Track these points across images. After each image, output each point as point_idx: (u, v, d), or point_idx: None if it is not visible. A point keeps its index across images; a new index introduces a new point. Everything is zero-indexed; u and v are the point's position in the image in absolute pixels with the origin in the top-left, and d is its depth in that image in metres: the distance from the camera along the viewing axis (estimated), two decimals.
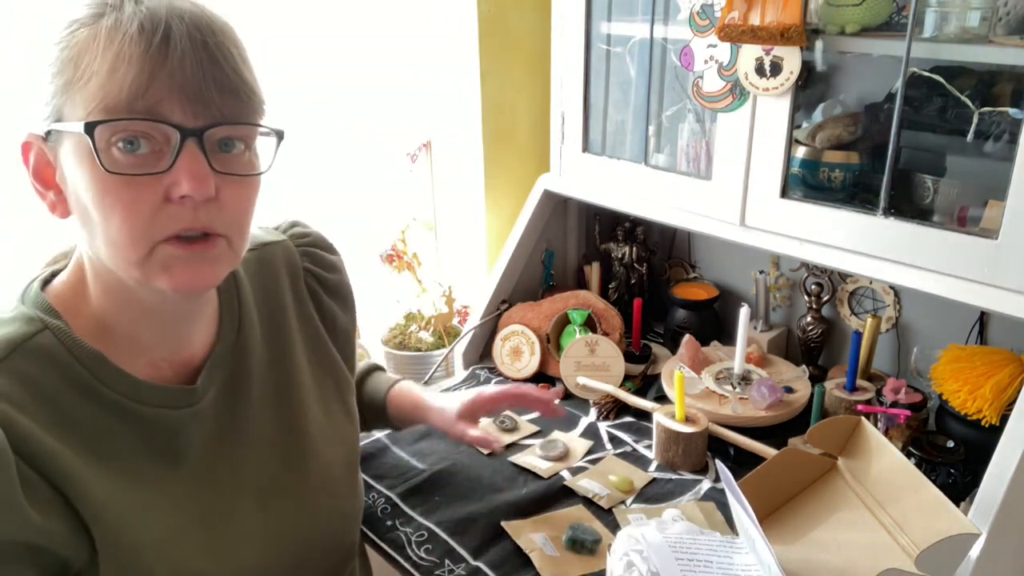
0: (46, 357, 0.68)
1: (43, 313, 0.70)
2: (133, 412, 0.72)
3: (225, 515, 0.78)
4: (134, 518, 0.70)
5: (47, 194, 0.70)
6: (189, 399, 0.76)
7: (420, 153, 1.79)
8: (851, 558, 0.94)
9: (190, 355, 0.79)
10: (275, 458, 0.84)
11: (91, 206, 0.65)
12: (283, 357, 0.88)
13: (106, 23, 0.63)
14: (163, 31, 0.63)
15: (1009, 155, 1.01)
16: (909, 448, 1.14)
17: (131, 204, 0.64)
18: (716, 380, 1.37)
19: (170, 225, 0.66)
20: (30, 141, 0.69)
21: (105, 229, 0.65)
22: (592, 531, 1.07)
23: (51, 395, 0.68)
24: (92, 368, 0.70)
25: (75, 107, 0.64)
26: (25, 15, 1.22)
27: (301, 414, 0.88)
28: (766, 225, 1.27)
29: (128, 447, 0.72)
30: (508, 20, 1.60)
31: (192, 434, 0.77)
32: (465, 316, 1.79)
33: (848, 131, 1.27)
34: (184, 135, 0.64)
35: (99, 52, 0.63)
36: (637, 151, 1.49)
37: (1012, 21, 1.04)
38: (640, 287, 1.69)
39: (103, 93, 0.62)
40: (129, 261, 0.66)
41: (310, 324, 0.93)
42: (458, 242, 1.82)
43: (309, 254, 0.95)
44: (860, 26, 1.14)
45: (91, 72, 0.63)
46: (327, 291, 0.96)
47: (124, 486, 0.70)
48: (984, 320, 1.28)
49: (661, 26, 1.38)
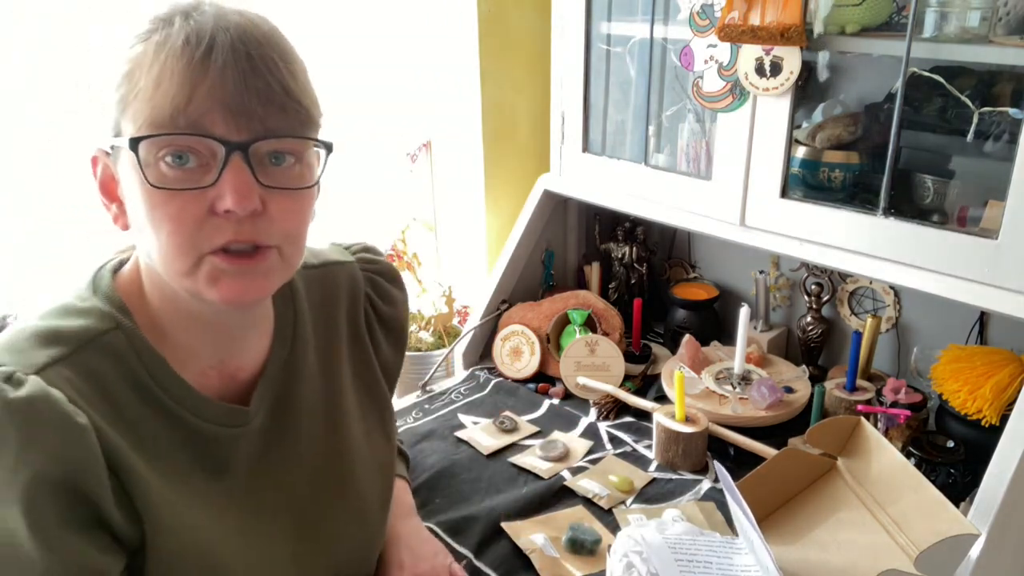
0: (114, 356, 0.69)
1: (116, 310, 0.71)
2: (186, 422, 0.73)
3: (261, 534, 0.78)
4: (182, 520, 0.70)
5: (111, 206, 0.71)
6: (243, 419, 0.77)
7: (420, 153, 1.79)
8: (851, 558, 0.94)
9: (238, 367, 0.79)
10: (315, 483, 0.84)
11: (142, 220, 0.66)
12: (332, 380, 0.88)
13: (156, 38, 0.64)
14: (206, 44, 0.63)
15: (1009, 155, 1.01)
16: (909, 448, 1.14)
17: (177, 217, 0.65)
18: (716, 380, 1.37)
19: (216, 238, 0.66)
20: (97, 155, 0.70)
21: (156, 241, 0.66)
22: (592, 532, 1.07)
23: (113, 393, 0.68)
24: (154, 372, 0.71)
25: (128, 122, 0.65)
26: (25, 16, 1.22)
27: (345, 440, 0.88)
28: (766, 225, 1.27)
29: (178, 453, 0.72)
30: (508, 20, 1.60)
31: (239, 452, 0.77)
32: (465, 316, 1.79)
33: (848, 131, 1.27)
34: (229, 149, 0.64)
35: (147, 68, 0.63)
36: (637, 151, 1.49)
37: (1012, 21, 1.04)
38: (640, 287, 1.69)
39: (149, 108, 0.63)
40: (179, 273, 0.67)
41: (362, 350, 0.92)
42: (458, 242, 1.82)
43: (373, 281, 0.95)
44: (860, 26, 1.14)
45: (139, 88, 0.64)
46: (381, 322, 0.95)
47: (175, 489, 0.71)
48: (984, 320, 1.28)
49: (661, 26, 1.38)
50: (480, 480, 1.20)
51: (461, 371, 1.61)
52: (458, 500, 1.15)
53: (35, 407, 0.61)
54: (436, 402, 1.45)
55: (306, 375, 0.84)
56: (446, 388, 1.51)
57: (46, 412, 0.62)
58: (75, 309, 0.71)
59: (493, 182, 1.69)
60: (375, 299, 0.94)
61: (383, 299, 0.95)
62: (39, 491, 0.61)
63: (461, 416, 1.40)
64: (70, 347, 0.67)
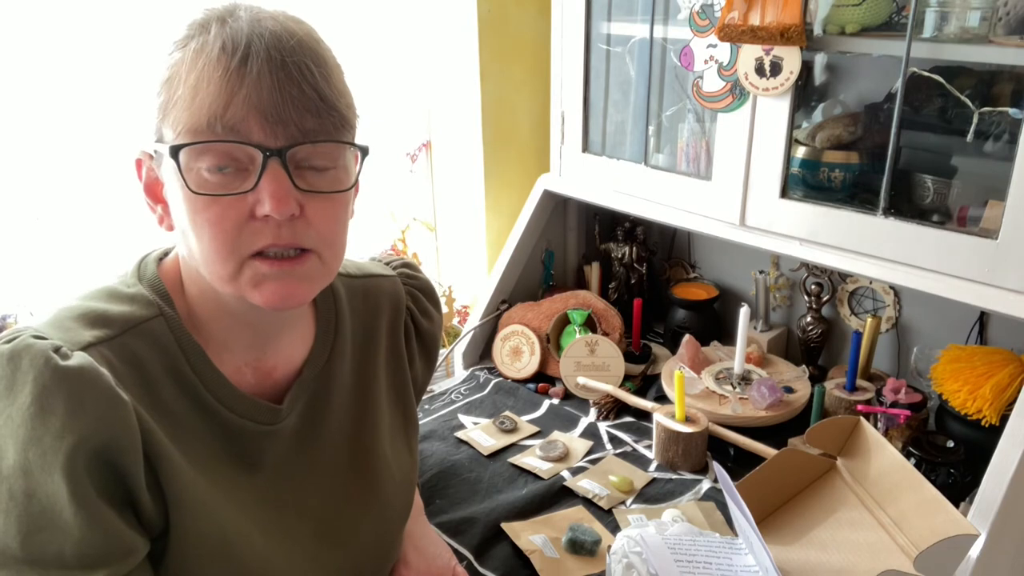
0: (156, 343, 0.70)
1: (159, 298, 0.72)
2: (219, 414, 0.73)
3: (284, 532, 0.78)
4: (207, 508, 0.71)
5: (156, 208, 0.73)
6: (275, 417, 0.78)
7: (420, 153, 1.79)
8: (850, 558, 0.94)
9: (274, 366, 0.79)
10: (340, 490, 0.84)
11: (184, 224, 0.68)
12: (366, 389, 0.88)
13: (193, 45, 0.65)
14: (242, 51, 0.64)
15: (1009, 155, 1.01)
16: (909, 448, 1.14)
17: (218, 222, 0.66)
18: (716, 380, 1.37)
19: (256, 241, 0.67)
20: (141, 158, 0.72)
21: (198, 245, 0.67)
22: (592, 532, 1.07)
23: (152, 379, 0.69)
24: (193, 363, 0.72)
25: (168, 128, 0.66)
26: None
27: (372, 449, 0.88)
28: (766, 225, 1.27)
29: (210, 444, 0.73)
30: (508, 20, 1.60)
31: (269, 449, 0.78)
32: (465, 316, 1.79)
33: (848, 131, 1.27)
34: (266, 155, 0.65)
35: (184, 75, 0.65)
36: (637, 151, 1.49)
37: (1012, 21, 1.04)
38: (640, 287, 1.69)
39: (187, 115, 0.64)
40: (222, 277, 0.68)
41: (398, 362, 0.93)
42: (458, 242, 1.82)
43: (414, 296, 0.96)
44: (860, 26, 1.14)
45: (178, 95, 0.65)
46: (419, 337, 0.97)
47: (203, 477, 0.71)
48: (984, 320, 1.28)
49: (661, 26, 1.38)
50: (480, 481, 1.20)
51: (461, 371, 1.61)
52: (458, 501, 1.16)
53: (84, 377, 0.62)
54: (436, 402, 1.45)
55: (341, 381, 0.85)
56: (446, 388, 1.51)
57: (94, 383, 0.63)
58: (121, 294, 0.72)
59: (493, 182, 1.69)
60: (416, 314, 0.96)
61: (423, 315, 0.97)
62: (81, 459, 0.62)
63: (461, 416, 1.40)
64: (114, 330, 0.68)
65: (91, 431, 0.62)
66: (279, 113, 0.65)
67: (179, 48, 0.66)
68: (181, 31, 0.67)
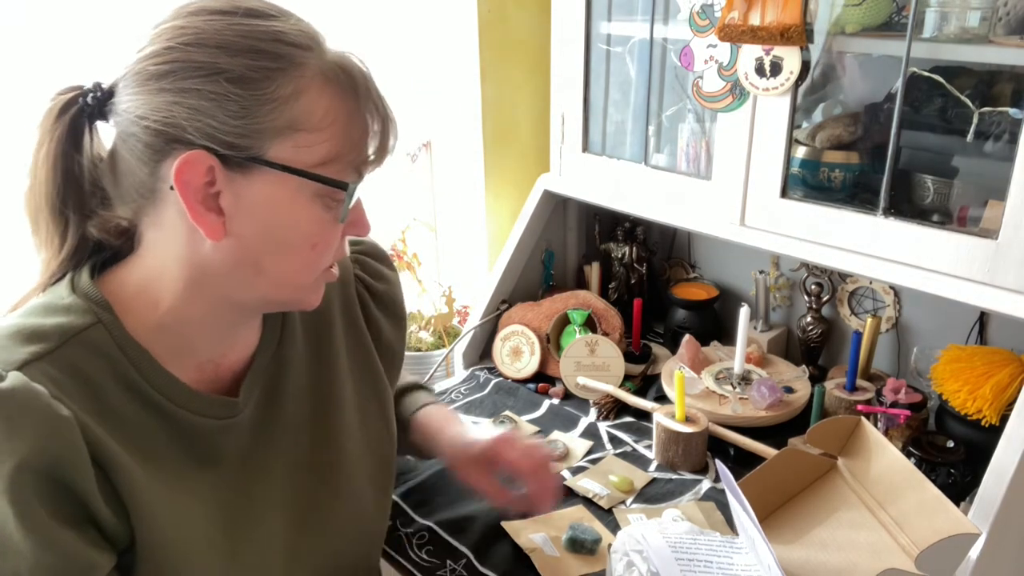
0: (96, 351, 0.69)
1: (97, 306, 0.71)
2: (173, 415, 0.73)
3: (252, 528, 0.78)
4: (171, 515, 0.70)
5: (207, 215, 0.67)
6: (231, 410, 0.77)
7: (420, 153, 1.79)
8: (851, 558, 0.94)
9: (235, 359, 0.79)
10: (308, 475, 0.84)
11: (292, 240, 0.70)
12: (326, 369, 0.88)
13: (321, 67, 0.68)
14: (375, 94, 0.72)
15: (1009, 155, 1.01)
16: (909, 448, 1.14)
17: (330, 244, 0.73)
18: (716, 380, 1.37)
19: (336, 256, 0.75)
20: (197, 158, 0.65)
21: (295, 259, 0.71)
22: (592, 531, 1.07)
23: (98, 388, 0.68)
24: (140, 367, 0.71)
25: (299, 151, 0.67)
26: None
27: (338, 431, 0.87)
28: (766, 225, 1.27)
29: (168, 447, 0.72)
30: (508, 20, 1.60)
31: (230, 443, 0.77)
32: (465, 316, 1.79)
33: (848, 131, 1.27)
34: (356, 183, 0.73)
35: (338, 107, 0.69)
36: (637, 151, 1.49)
37: (1012, 21, 1.04)
38: (640, 287, 1.69)
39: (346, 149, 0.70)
40: (299, 285, 0.74)
41: (358, 334, 0.92)
42: (458, 242, 1.82)
43: (360, 261, 0.95)
44: (860, 26, 1.14)
45: (329, 122, 0.68)
46: (376, 300, 0.95)
47: (163, 483, 0.71)
48: (984, 320, 1.28)
49: (661, 26, 1.38)
50: None
51: (461, 371, 1.61)
52: (458, 499, 1.15)
53: (17, 398, 0.61)
54: None
55: (296, 364, 0.84)
56: (446, 388, 1.51)
57: (29, 403, 0.62)
58: (55, 307, 0.70)
59: (493, 182, 1.69)
60: (366, 279, 0.95)
61: (375, 277, 0.96)
62: (25, 481, 0.61)
63: (461, 416, 1.40)
64: (51, 343, 0.67)
65: (31, 453, 0.61)
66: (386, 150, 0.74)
67: (294, 65, 0.67)
68: (274, 45, 0.66)
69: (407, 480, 1.19)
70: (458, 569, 1.03)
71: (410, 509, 1.14)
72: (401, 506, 1.15)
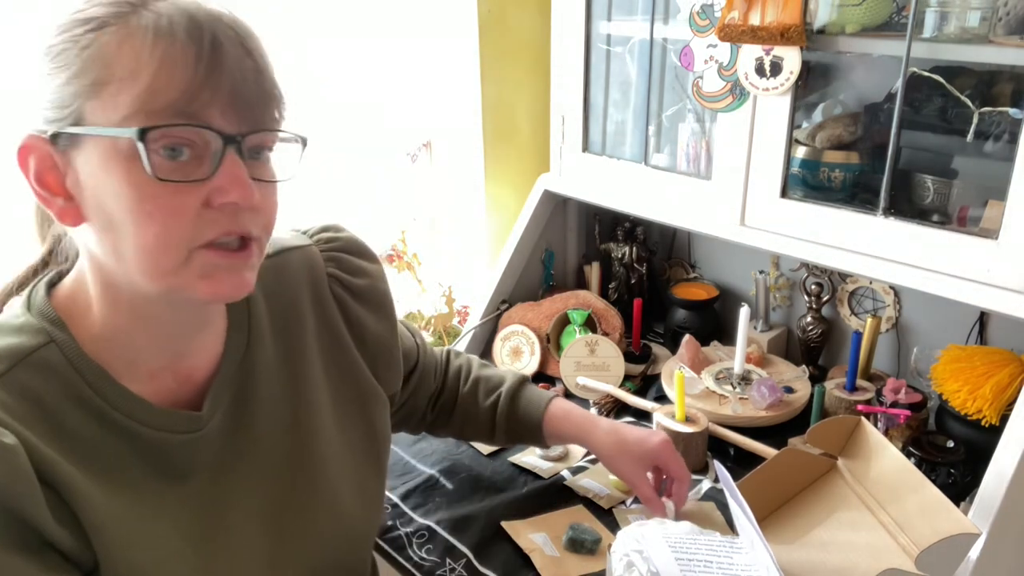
0: (49, 371, 0.67)
1: (49, 324, 0.69)
2: (135, 432, 0.70)
3: (226, 540, 0.76)
4: (134, 535, 0.68)
5: (54, 201, 0.66)
6: (196, 424, 0.74)
7: (420, 153, 1.79)
8: (851, 558, 0.94)
9: (193, 368, 0.76)
10: (283, 482, 0.81)
11: (122, 214, 0.63)
12: (297, 374, 0.84)
13: (142, 23, 0.61)
14: (211, 37, 0.62)
15: (1009, 155, 1.01)
16: (909, 448, 1.14)
17: (173, 211, 0.63)
18: (716, 380, 1.37)
19: (209, 231, 0.64)
20: (30, 144, 0.65)
21: (138, 236, 0.63)
22: (592, 531, 1.07)
23: (52, 410, 0.66)
24: (95, 385, 0.69)
25: (106, 110, 0.62)
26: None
27: (314, 435, 0.84)
28: (766, 225, 1.27)
29: (129, 465, 0.69)
30: (508, 20, 1.60)
31: (196, 457, 0.75)
32: (465, 316, 1.79)
33: (848, 131, 1.28)
34: (226, 141, 0.64)
35: (142, 54, 0.61)
36: (637, 151, 1.49)
37: (1012, 21, 1.04)
38: (640, 287, 1.69)
39: (148, 97, 0.61)
40: (163, 269, 0.64)
41: (333, 334, 0.88)
42: (458, 242, 1.82)
43: (335, 259, 0.90)
44: (860, 26, 1.14)
45: (132, 74, 0.61)
46: (355, 297, 0.91)
47: (125, 502, 0.69)
48: (984, 320, 1.28)
49: (661, 26, 1.38)
50: (480, 480, 1.20)
51: None
52: (458, 499, 1.15)
53: None
54: None
55: (266, 369, 0.81)
56: None
57: None
58: (8, 327, 0.69)
59: (493, 182, 1.69)
60: (341, 275, 0.90)
61: (351, 272, 0.91)
62: None
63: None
64: (2, 366, 0.66)
65: None
66: (248, 101, 0.64)
67: (110, 24, 0.62)
68: (96, 9, 0.63)
69: (407, 480, 1.19)
70: (458, 569, 1.03)
71: (410, 510, 1.14)
72: (401, 506, 1.15)
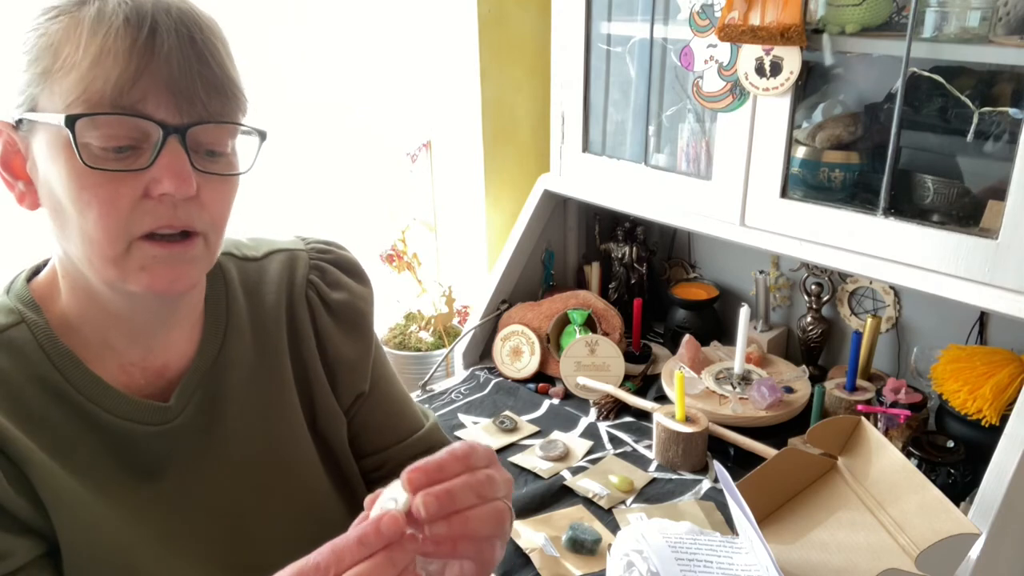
0: (17, 351, 0.67)
1: (23, 306, 0.69)
2: (99, 419, 0.70)
3: (191, 538, 0.75)
4: (96, 520, 0.68)
5: (15, 184, 0.68)
6: (162, 416, 0.73)
7: (420, 153, 1.79)
8: (851, 558, 0.94)
9: (164, 364, 0.75)
10: (252, 483, 0.79)
11: (66, 201, 0.64)
12: (272, 373, 0.82)
13: (88, 12, 0.62)
14: (150, 25, 0.61)
15: (1009, 155, 1.01)
16: (909, 448, 1.14)
17: (109, 200, 0.63)
18: (716, 380, 1.37)
19: (148, 222, 0.64)
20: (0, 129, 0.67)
21: (80, 224, 0.64)
22: (592, 531, 1.07)
23: (16, 389, 0.67)
24: (63, 368, 0.69)
25: (53, 98, 0.62)
26: None
27: (286, 437, 0.83)
28: (766, 225, 1.27)
29: (93, 452, 0.70)
30: (508, 20, 1.60)
31: (163, 452, 0.73)
32: (465, 316, 1.79)
33: (848, 131, 1.28)
34: (166, 132, 0.63)
35: (81, 43, 0.61)
36: (637, 151, 1.49)
37: (1012, 21, 1.04)
38: (640, 287, 1.69)
39: (85, 86, 0.61)
40: (105, 259, 0.65)
41: (299, 337, 0.85)
42: (458, 242, 1.82)
43: (320, 268, 0.88)
44: (860, 26, 1.14)
45: (72, 63, 0.61)
46: (328, 309, 0.87)
47: (87, 487, 0.68)
48: (984, 320, 1.28)
49: (661, 26, 1.38)
50: None
51: (461, 371, 1.61)
52: None
53: None
54: (436, 402, 1.45)
55: (240, 372, 0.80)
56: (446, 388, 1.51)
57: None
58: None
59: (493, 182, 1.69)
60: (321, 286, 0.87)
61: (331, 285, 0.88)
62: None
63: (461, 416, 1.40)
64: None
65: None
66: (187, 91, 0.63)
67: (65, 13, 0.63)
68: None
69: None
70: None
71: None
72: None
